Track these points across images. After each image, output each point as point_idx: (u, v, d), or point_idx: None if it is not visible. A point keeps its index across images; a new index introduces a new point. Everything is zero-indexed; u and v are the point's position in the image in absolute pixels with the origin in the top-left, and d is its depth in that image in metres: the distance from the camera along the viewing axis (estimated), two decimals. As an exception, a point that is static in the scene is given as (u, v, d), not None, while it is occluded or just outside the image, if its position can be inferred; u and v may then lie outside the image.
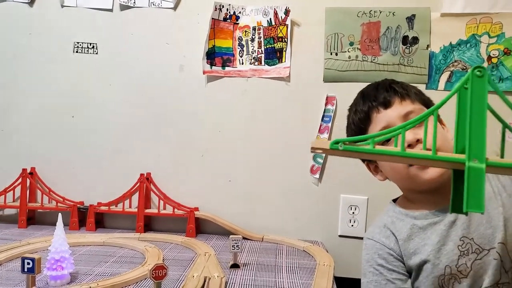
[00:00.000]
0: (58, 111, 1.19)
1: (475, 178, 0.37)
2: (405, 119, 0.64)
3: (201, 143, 1.15)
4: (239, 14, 1.12)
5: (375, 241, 0.70)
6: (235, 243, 0.86)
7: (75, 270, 0.80)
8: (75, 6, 1.19)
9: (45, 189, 1.18)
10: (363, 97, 0.71)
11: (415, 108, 0.65)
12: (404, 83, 0.71)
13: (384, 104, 0.66)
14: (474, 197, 0.37)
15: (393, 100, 0.66)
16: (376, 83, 0.72)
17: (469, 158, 0.37)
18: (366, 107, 0.68)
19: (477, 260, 0.61)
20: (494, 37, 1.03)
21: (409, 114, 0.65)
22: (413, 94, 0.67)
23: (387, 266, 0.66)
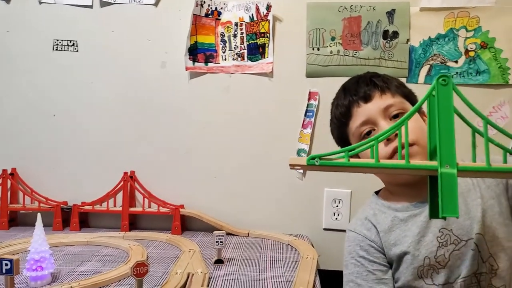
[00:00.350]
0: (39, 110, 1.18)
1: (448, 184, 0.38)
2: (385, 113, 0.65)
3: (186, 140, 1.15)
4: (220, 9, 1.12)
5: (357, 233, 0.70)
6: (218, 238, 0.86)
7: (56, 270, 0.79)
8: (53, 3, 1.17)
9: (27, 190, 1.16)
10: (344, 91, 0.71)
11: (395, 101, 0.66)
12: (386, 76, 0.71)
13: (364, 98, 0.67)
14: (449, 202, 0.38)
15: (373, 94, 0.66)
16: (358, 77, 0.72)
17: (441, 165, 0.38)
18: (346, 101, 0.69)
19: (455, 251, 0.62)
20: (471, 31, 1.05)
21: (389, 107, 0.65)
22: (394, 87, 0.68)
23: (368, 258, 0.67)
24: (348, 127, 0.69)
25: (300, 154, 1.11)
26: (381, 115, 0.65)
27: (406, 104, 0.67)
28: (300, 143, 1.11)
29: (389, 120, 0.65)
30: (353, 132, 0.68)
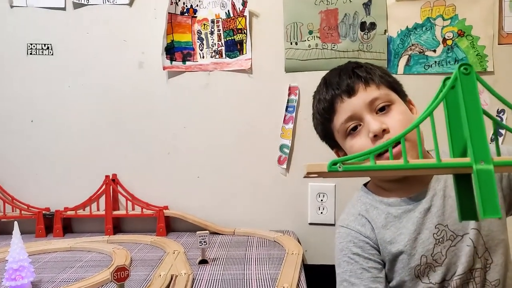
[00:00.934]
0: (15, 116, 1.15)
1: (486, 181, 0.34)
2: (371, 107, 0.61)
3: (167, 141, 1.14)
4: (196, 7, 1.10)
5: (350, 229, 0.66)
6: (202, 239, 0.85)
7: (37, 278, 0.78)
8: (25, 6, 1.14)
9: (8, 198, 1.14)
10: (326, 85, 0.66)
11: (381, 93, 0.62)
12: (369, 65, 0.67)
13: (348, 92, 0.62)
14: (489, 201, 0.34)
15: (357, 87, 0.62)
16: (339, 68, 0.68)
17: (475, 161, 0.35)
18: (329, 96, 0.64)
19: (451, 247, 0.60)
20: (448, 20, 1.05)
21: (374, 101, 0.61)
22: (378, 78, 0.63)
23: (363, 255, 0.63)
24: (333, 123, 0.65)
25: (283, 150, 1.11)
26: (367, 109, 0.61)
27: (392, 95, 0.63)
28: (282, 138, 1.11)
29: (375, 113, 0.61)
30: (338, 129, 0.65)
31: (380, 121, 0.59)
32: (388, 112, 0.61)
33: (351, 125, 0.62)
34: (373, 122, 0.60)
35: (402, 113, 0.61)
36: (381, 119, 0.60)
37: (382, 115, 0.61)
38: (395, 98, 0.63)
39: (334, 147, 0.71)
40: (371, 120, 0.60)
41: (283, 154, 1.11)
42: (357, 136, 0.62)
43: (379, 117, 0.61)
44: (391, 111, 0.61)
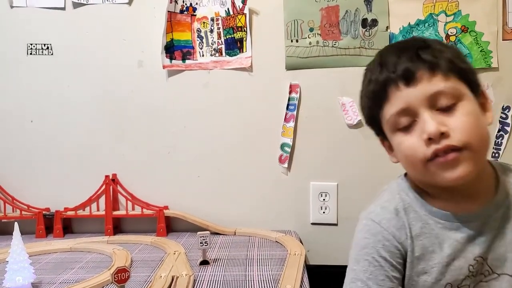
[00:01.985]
0: (16, 116, 1.15)
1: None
2: (431, 102, 0.49)
3: (167, 140, 1.13)
4: (196, 5, 1.09)
5: (383, 228, 0.54)
6: (203, 239, 0.84)
7: (38, 279, 0.78)
8: (25, 6, 1.13)
9: (8, 198, 1.13)
10: (381, 63, 0.53)
11: (448, 87, 0.49)
12: (438, 45, 0.52)
13: (406, 79, 0.49)
14: None
15: (419, 74, 0.49)
16: (400, 45, 0.55)
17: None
18: (382, 78, 0.51)
19: (481, 282, 0.52)
20: (451, 15, 1.04)
21: (437, 95, 0.49)
22: (447, 64, 0.49)
23: (391, 261, 0.53)
24: (382, 111, 0.53)
25: (284, 149, 1.10)
26: (426, 104, 0.49)
27: (462, 88, 0.50)
28: (283, 137, 1.10)
29: (435, 110, 0.49)
30: (388, 120, 0.52)
31: (440, 122, 0.48)
32: (452, 111, 0.49)
33: (403, 122, 0.51)
34: (430, 121, 0.48)
35: (470, 114, 0.49)
36: (441, 118, 0.48)
37: (444, 113, 0.49)
38: (465, 92, 0.50)
39: (380, 135, 0.59)
40: (429, 119, 0.48)
41: (284, 153, 1.10)
42: (408, 133, 0.51)
43: (439, 116, 0.48)
44: (457, 110, 0.49)
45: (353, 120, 1.07)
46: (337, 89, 1.07)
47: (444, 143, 0.48)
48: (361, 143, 1.07)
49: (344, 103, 1.07)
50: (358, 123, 1.07)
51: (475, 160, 0.49)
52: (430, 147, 0.48)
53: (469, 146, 0.48)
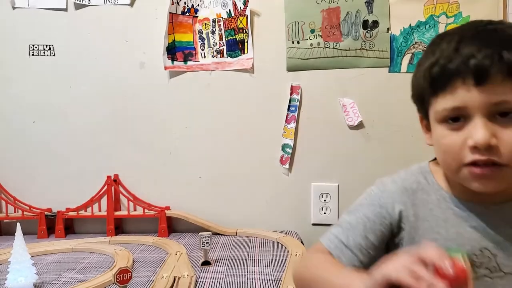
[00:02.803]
0: (18, 117, 1.15)
1: None
2: (491, 109, 0.44)
3: (169, 141, 1.13)
4: (197, 7, 1.09)
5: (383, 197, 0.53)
6: (204, 240, 0.85)
7: (40, 280, 0.78)
8: (27, 7, 1.14)
9: (10, 199, 1.14)
10: (457, 46, 0.46)
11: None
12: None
13: (477, 78, 0.43)
14: None
15: (493, 76, 0.43)
16: (486, 33, 0.46)
17: None
18: (452, 66, 0.45)
19: (486, 277, 0.49)
20: (451, 17, 1.04)
21: (501, 104, 0.44)
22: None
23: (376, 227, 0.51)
24: (436, 98, 0.48)
25: (285, 150, 1.10)
26: (484, 109, 0.44)
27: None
28: (284, 138, 1.10)
29: (491, 116, 0.44)
30: (437, 110, 0.48)
31: (492, 132, 0.44)
32: (509, 123, 0.44)
33: (452, 115, 0.46)
34: (481, 130, 0.43)
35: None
36: (495, 128, 0.44)
37: (499, 124, 0.44)
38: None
39: (421, 113, 0.55)
40: (480, 126, 0.44)
41: (285, 154, 1.10)
42: (454, 131, 0.47)
43: (493, 125, 0.44)
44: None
45: (354, 121, 1.07)
46: (338, 90, 1.08)
47: (488, 156, 0.44)
48: (362, 144, 1.07)
49: (345, 104, 1.08)
50: (359, 124, 1.07)
51: (510, 180, 0.46)
52: (472, 154, 0.45)
53: (509, 164, 0.44)
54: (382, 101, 1.07)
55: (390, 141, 1.07)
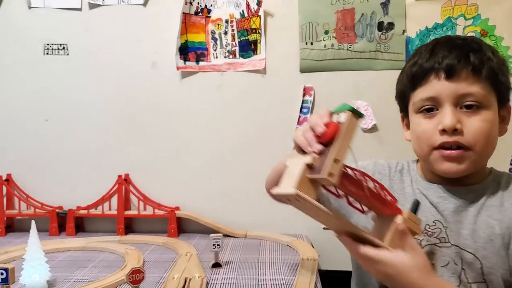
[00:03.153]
0: (31, 115, 1.16)
1: None
2: (458, 100, 0.54)
3: (179, 141, 1.13)
4: (210, 7, 1.09)
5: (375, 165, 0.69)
6: (215, 241, 0.84)
7: (52, 277, 0.78)
8: (42, 6, 1.15)
9: (23, 196, 1.15)
10: (432, 51, 0.57)
11: (479, 92, 0.54)
12: (489, 51, 0.56)
13: (447, 73, 0.55)
14: None
15: (461, 73, 0.54)
16: (457, 40, 0.58)
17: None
18: (428, 65, 0.56)
19: (435, 246, 0.57)
20: (470, 19, 1.02)
21: (466, 96, 0.54)
22: (488, 72, 0.55)
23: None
24: (414, 92, 0.59)
25: (297, 152, 1.09)
26: (453, 99, 0.54)
27: (491, 98, 0.55)
28: (296, 140, 1.09)
29: (458, 108, 0.55)
30: (415, 102, 0.59)
31: (458, 119, 0.54)
32: (473, 114, 0.54)
33: (427, 105, 0.57)
34: (449, 115, 0.54)
35: (487, 122, 0.54)
36: (461, 116, 0.54)
37: (465, 113, 0.55)
38: (491, 102, 0.56)
39: (402, 112, 0.66)
40: (449, 113, 0.54)
41: (297, 156, 1.09)
42: (428, 119, 0.57)
43: (460, 113, 0.54)
44: (477, 114, 0.54)
45: (368, 124, 1.05)
46: (352, 92, 1.06)
47: (454, 138, 0.54)
48: (376, 147, 1.06)
49: (359, 107, 1.06)
50: (373, 127, 1.05)
51: (475, 162, 0.56)
52: (441, 137, 0.55)
53: (474, 148, 0.54)
54: (396, 104, 1.05)
55: (404, 145, 1.04)
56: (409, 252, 0.49)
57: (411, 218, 0.52)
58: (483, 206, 0.57)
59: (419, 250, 0.51)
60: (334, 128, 0.47)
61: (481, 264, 0.55)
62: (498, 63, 0.56)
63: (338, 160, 0.45)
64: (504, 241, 0.55)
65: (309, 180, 0.46)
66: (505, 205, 0.57)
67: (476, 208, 0.57)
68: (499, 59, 0.57)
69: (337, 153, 0.45)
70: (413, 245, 0.50)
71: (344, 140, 0.46)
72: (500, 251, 0.55)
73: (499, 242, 0.55)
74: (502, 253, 0.55)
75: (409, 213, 0.52)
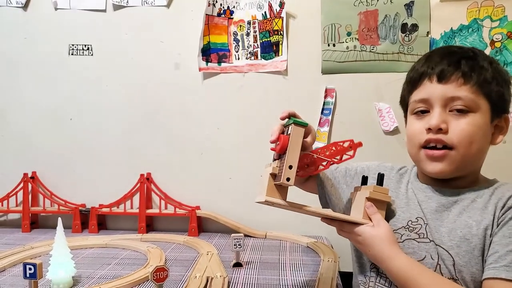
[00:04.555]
0: (56, 115, 1.19)
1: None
2: (447, 103, 0.58)
3: (200, 141, 1.14)
4: (233, 8, 1.10)
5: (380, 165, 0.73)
6: (237, 241, 0.85)
7: (77, 273, 0.80)
8: (68, 8, 1.18)
9: (47, 193, 1.18)
10: (428, 58, 0.62)
11: (467, 96, 0.57)
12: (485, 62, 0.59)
13: (439, 77, 0.59)
14: None
15: (450, 77, 0.58)
16: (452, 49, 0.62)
17: None
18: (422, 70, 0.61)
19: (414, 240, 0.60)
20: (496, 21, 1.00)
21: (454, 99, 0.57)
22: (480, 80, 0.57)
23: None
24: (411, 95, 0.63)
25: (317, 154, 1.09)
26: (442, 102, 0.58)
27: (481, 103, 0.57)
28: (317, 142, 1.09)
29: (448, 111, 0.58)
30: (410, 104, 0.63)
31: (444, 120, 0.57)
32: (460, 116, 0.57)
33: (420, 107, 0.61)
34: (436, 116, 0.58)
35: (474, 126, 0.57)
36: (448, 118, 0.57)
37: (453, 115, 0.57)
38: (480, 108, 0.57)
39: (405, 116, 0.69)
40: (437, 114, 0.58)
41: (317, 157, 1.09)
42: (418, 120, 0.61)
43: (447, 115, 0.58)
44: (464, 118, 0.57)
45: (390, 127, 1.05)
46: (374, 94, 1.06)
47: (438, 136, 0.58)
48: (397, 150, 1.05)
49: (380, 109, 1.05)
50: (395, 130, 1.04)
51: (458, 163, 0.58)
52: (427, 135, 0.59)
53: (457, 148, 0.57)
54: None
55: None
56: (375, 225, 0.60)
57: (377, 190, 0.62)
58: (467, 208, 0.59)
59: (382, 223, 0.60)
60: (284, 141, 0.58)
61: (454, 261, 0.57)
62: (494, 73, 0.59)
63: (291, 166, 0.56)
64: (480, 241, 0.56)
65: (275, 186, 0.59)
66: (488, 207, 0.58)
67: (459, 209, 0.59)
68: (496, 70, 0.59)
69: (289, 160, 0.56)
70: (378, 220, 0.60)
71: (293, 149, 0.57)
72: (474, 251, 0.56)
73: (474, 241, 0.56)
74: (476, 253, 0.56)
75: (374, 186, 0.62)
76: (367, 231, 0.60)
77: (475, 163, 0.61)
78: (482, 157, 0.61)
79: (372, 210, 0.61)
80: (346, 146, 0.60)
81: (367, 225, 0.60)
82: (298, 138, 0.58)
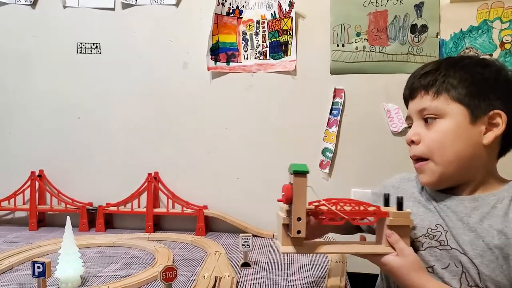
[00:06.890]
0: (64, 113, 1.19)
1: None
2: (421, 114, 0.62)
3: (208, 141, 1.14)
4: (242, 8, 1.10)
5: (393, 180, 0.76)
6: (245, 241, 0.84)
7: (85, 272, 0.80)
8: (77, 6, 1.18)
9: (54, 191, 1.18)
10: (407, 82, 0.68)
11: (431, 105, 0.61)
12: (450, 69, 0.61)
13: (410, 95, 0.66)
14: None
15: (416, 93, 0.63)
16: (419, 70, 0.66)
17: None
18: (404, 94, 0.69)
19: (436, 248, 0.60)
20: (506, 22, 1.00)
21: (422, 111, 0.62)
22: (441, 87, 0.60)
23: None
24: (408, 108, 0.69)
25: (326, 154, 1.09)
26: (418, 115, 0.63)
27: (448, 108, 0.59)
28: (325, 142, 1.09)
29: (424, 122, 0.62)
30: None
31: (415, 132, 0.62)
32: (430, 125, 0.61)
33: (408, 123, 0.67)
34: (410, 130, 0.64)
35: (442, 132, 0.60)
36: (419, 130, 0.62)
37: (427, 126, 0.62)
38: (451, 112, 0.60)
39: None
40: (412, 127, 0.64)
41: (325, 158, 1.09)
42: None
43: (420, 128, 0.62)
44: (434, 125, 0.61)
45: (398, 128, 1.04)
46: (383, 95, 1.05)
47: (412, 151, 0.63)
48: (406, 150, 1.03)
49: (389, 110, 1.05)
50: (403, 131, 1.04)
51: (440, 173, 0.60)
52: (410, 147, 0.64)
53: (432, 158, 0.61)
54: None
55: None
56: (398, 254, 0.58)
57: (397, 216, 0.59)
58: (487, 215, 0.59)
59: (407, 251, 0.58)
60: (288, 191, 0.56)
61: (478, 270, 0.57)
62: (460, 77, 0.61)
63: (300, 218, 0.54)
64: (503, 251, 0.56)
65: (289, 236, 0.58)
66: (509, 214, 0.57)
67: (479, 216, 0.59)
68: (465, 73, 0.61)
69: (296, 212, 0.54)
70: (402, 248, 0.58)
71: (298, 200, 0.55)
72: (499, 260, 0.56)
73: (497, 252, 0.56)
74: (501, 262, 0.56)
75: (395, 212, 0.59)
76: (392, 261, 0.58)
77: (465, 168, 0.60)
78: (472, 160, 0.60)
79: (394, 238, 0.59)
80: (371, 211, 0.59)
81: (391, 254, 0.59)
82: (301, 188, 0.55)
